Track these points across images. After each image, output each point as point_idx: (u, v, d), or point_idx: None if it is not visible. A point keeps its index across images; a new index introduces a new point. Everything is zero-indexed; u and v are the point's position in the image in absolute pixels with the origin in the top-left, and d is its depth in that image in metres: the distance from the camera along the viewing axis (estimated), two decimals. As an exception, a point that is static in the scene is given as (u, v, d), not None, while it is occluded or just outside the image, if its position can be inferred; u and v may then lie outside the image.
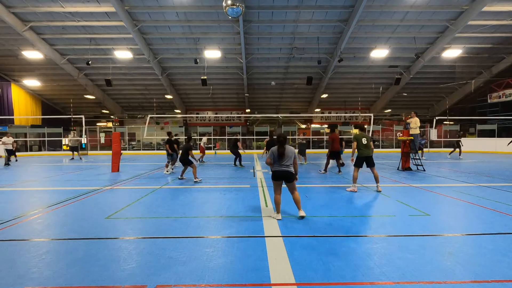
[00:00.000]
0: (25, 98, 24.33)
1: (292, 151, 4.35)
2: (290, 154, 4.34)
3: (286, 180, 4.34)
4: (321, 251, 3.16)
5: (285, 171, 4.28)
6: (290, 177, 4.31)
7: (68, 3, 14.55)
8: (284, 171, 4.29)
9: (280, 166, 4.32)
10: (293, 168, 4.37)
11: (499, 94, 21.97)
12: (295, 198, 4.42)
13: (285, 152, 4.30)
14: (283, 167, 4.29)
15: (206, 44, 18.36)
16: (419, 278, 2.54)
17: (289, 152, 4.33)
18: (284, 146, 4.33)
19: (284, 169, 4.29)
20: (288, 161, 4.29)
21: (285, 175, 4.30)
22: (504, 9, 14.96)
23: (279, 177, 4.34)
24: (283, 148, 4.31)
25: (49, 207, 5.26)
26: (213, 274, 2.67)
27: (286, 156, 4.29)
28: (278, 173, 4.32)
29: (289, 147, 4.36)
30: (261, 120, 31.57)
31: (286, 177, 4.31)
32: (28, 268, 2.84)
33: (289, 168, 4.29)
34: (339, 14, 15.84)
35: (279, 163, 4.32)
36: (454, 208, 5.05)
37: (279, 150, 4.29)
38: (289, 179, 4.33)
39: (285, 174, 4.29)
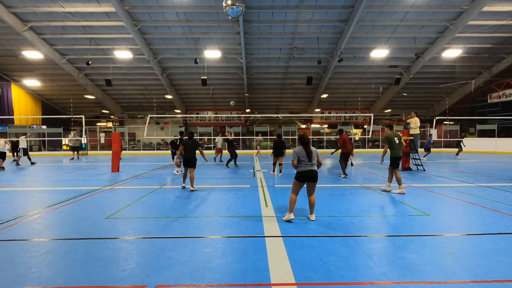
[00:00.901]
0: (25, 98, 24.33)
1: (315, 151, 4.38)
2: (315, 153, 4.36)
3: (311, 180, 4.30)
4: (321, 251, 3.16)
5: (312, 171, 4.27)
6: (315, 177, 4.31)
7: (68, 3, 14.54)
8: (311, 171, 4.27)
9: (307, 166, 4.28)
10: (316, 168, 4.40)
11: (499, 94, 21.97)
12: (312, 200, 4.41)
13: (312, 151, 4.31)
14: (309, 166, 4.27)
15: (206, 44, 18.36)
16: (419, 278, 2.55)
17: (314, 152, 4.36)
18: (310, 146, 4.35)
19: (310, 168, 4.27)
20: (314, 160, 4.30)
21: (312, 175, 4.28)
22: (504, 9, 14.96)
23: (305, 177, 4.29)
24: (309, 148, 4.31)
25: (49, 207, 5.26)
26: (213, 274, 2.68)
27: (313, 156, 4.29)
28: (305, 173, 4.26)
29: (313, 147, 4.39)
30: (261, 120, 31.56)
31: (311, 177, 4.28)
32: (28, 268, 2.84)
33: (314, 167, 4.31)
34: (339, 14, 15.84)
35: (306, 163, 4.28)
36: (454, 208, 5.05)
37: (306, 150, 4.28)
38: (315, 178, 4.32)
39: (311, 174, 4.27)
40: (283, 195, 6.19)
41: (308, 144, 4.35)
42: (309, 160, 4.28)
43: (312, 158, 4.29)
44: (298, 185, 4.34)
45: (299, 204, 5.32)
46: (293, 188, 4.36)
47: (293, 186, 4.37)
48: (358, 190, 6.65)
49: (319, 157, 4.39)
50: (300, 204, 5.26)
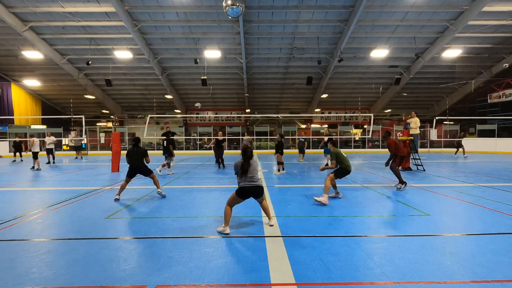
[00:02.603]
0: (25, 98, 24.33)
1: (257, 163, 4.11)
2: (257, 166, 4.07)
3: (255, 196, 3.95)
4: (321, 251, 3.16)
5: (256, 187, 3.90)
6: (261, 192, 3.97)
7: (68, 3, 14.54)
8: (255, 188, 3.89)
9: (251, 182, 3.88)
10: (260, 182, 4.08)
11: (499, 94, 21.97)
12: (264, 206, 4.10)
13: (251, 167, 3.92)
14: (252, 182, 3.88)
15: (206, 44, 18.36)
16: (419, 278, 2.54)
17: (256, 165, 4.04)
18: (250, 161, 3.94)
19: (255, 184, 3.88)
20: (255, 174, 3.94)
21: (256, 191, 3.92)
22: (504, 9, 14.96)
23: (247, 194, 3.91)
24: (248, 164, 3.90)
25: (49, 207, 5.26)
26: (213, 274, 2.67)
27: (253, 170, 3.93)
28: (248, 190, 3.88)
29: (255, 159, 4.07)
30: (261, 120, 31.56)
31: (256, 193, 3.93)
32: (28, 268, 2.84)
33: (258, 182, 3.93)
34: (339, 14, 15.84)
35: (246, 178, 3.88)
36: (454, 208, 5.05)
37: (244, 167, 3.88)
38: (260, 194, 3.97)
39: (256, 190, 3.92)
40: (283, 195, 6.19)
41: (249, 159, 3.93)
42: (248, 175, 3.88)
43: (250, 173, 3.90)
44: (236, 199, 3.95)
45: (299, 205, 5.32)
46: (230, 200, 3.95)
47: (230, 198, 3.96)
48: (358, 190, 6.65)
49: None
50: (301, 204, 5.25)
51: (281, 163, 9.58)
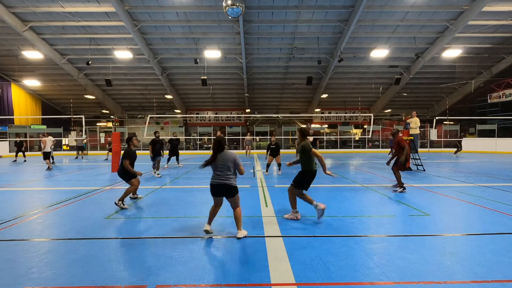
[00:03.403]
0: (25, 98, 24.33)
1: (231, 158, 3.46)
2: (229, 162, 3.46)
3: (224, 195, 3.54)
4: (321, 251, 3.16)
5: (220, 185, 3.44)
6: (229, 191, 3.49)
7: (68, 3, 14.54)
8: (218, 185, 3.45)
9: (218, 178, 3.47)
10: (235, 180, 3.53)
11: (499, 94, 21.97)
12: (235, 214, 3.62)
13: (221, 159, 3.48)
14: (217, 179, 3.46)
15: (206, 44, 18.36)
16: (419, 278, 2.54)
17: (227, 160, 3.46)
18: (218, 155, 3.50)
19: (219, 182, 3.45)
20: (226, 170, 3.46)
21: (220, 189, 3.47)
22: (504, 9, 14.96)
23: (213, 191, 3.55)
24: (213, 157, 3.49)
25: (49, 207, 5.26)
26: (213, 274, 2.68)
27: (222, 166, 3.46)
28: (212, 186, 3.52)
29: (228, 153, 3.52)
30: (261, 120, 31.57)
31: (220, 192, 3.51)
32: (28, 268, 2.84)
33: (225, 180, 3.44)
34: (339, 14, 15.84)
35: (218, 173, 3.49)
36: (454, 208, 5.05)
37: (208, 160, 3.50)
38: (229, 193, 3.50)
39: (220, 188, 3.46)
40: (283, 195, 6.18)
41: (219, 150, 3.49)
42: (217, 170, 3.46)
43: (219, 168, 3.45)
44: (214, 199, 3.64)
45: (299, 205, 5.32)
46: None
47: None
48: (358, 190, 6.65)
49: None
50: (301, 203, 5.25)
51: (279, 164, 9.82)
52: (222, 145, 3.54)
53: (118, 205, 5.00)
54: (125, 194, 5.15)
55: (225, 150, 3.57)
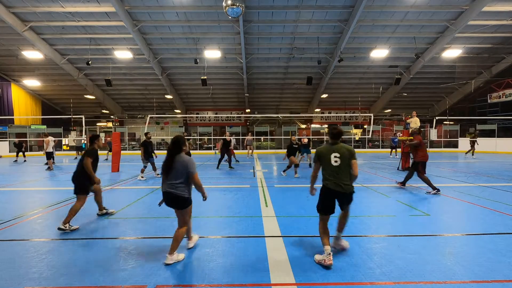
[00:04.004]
0: (25, 98, 24.33)
1: (184, 164, 2.91)
2: (181, 168, 2.92)
3: (170, 205, 3.01)
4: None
5: (169, 193, 2.94)
6: (177, 202, 2.97)
7: (68, 3, 14.54)
8: (167, 193, 2.95)
9: (166, 184, 2.98)
10: (185, 190, 2.97)
11: (499, 94, 21.97)
12: (176, 234, 3.01)
13: (176, 163, 2.93)
14: (169, 185, 2.95)
15: (206, 44, 18.35)
16: (419, 278, 2.55)
17: (180, 165, 2.92)
18: (176, 155, 2.96)
19: (166, 189, 2.96)
20: (176, 177, 2.92)
21: (170, 198, 2.97)
22: (504, 9, 14.95)
23: (166, 200, 3.02)
24: (170, 160, 2.95)
25: (49, 207, 5.26)
26: (213, 274, 2.68)
27: (176, 170, 2.92)
28: (163, 195, 3.02)
29: (183, 157, 2.97)
30: (261, 120, 31.56)
31: (171, 201, 2.98)
32: (28, 268, 2.84)
33: (176, 189, 2.91)
34: (339, 14, 15.83)
35: (166, 179, 2.98)
36: (454, 208, 5.05)
37: (166, 163, 2.97)
38: (177, 204, 2.98)
39: (169, 196, 2.96)
40: (283, 195, 6.19)
41: (176, 152, 2.96)
42: (170, 176, 2.95)
43: (173, 175, 2.93)
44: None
45: (299, 205, 5.31)
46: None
47: None
48: (358, 190, 6.64)
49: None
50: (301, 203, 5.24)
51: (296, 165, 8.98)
52: (179, 145, 3.00)
53: (64, 229, 3.87)
54: (70, 214, 3.98)
55: (182, 152, 3.00)
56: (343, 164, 3.01)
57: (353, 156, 3.03)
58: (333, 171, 3.03)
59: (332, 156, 3.03)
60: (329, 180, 3.04)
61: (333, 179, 3.02)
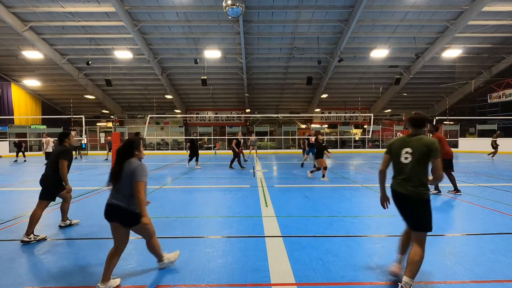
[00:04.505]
0: (25, 98, 24.33)
1: (131, 170, 2.39)
2: (129, 176, 2.39)
3: (121, 223, 2.46)
4: (321, 251, 3.16)
5: (115, 205, 2.42)
6: (125, 218, 2.44)
7: (68, 3, 14.54)
8: (112, 205, 2.43)
9: (111, 195, 2.48)
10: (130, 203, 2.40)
11: (499, 94, 21.97)
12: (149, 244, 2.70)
13: (124, 170, 2.42)
14: (113, 199, 2.45)
15: (206, 44, 18.35)
16: (419, 278, 2.54)
17: (127, 172, 2.40)
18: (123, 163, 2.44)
19: (112, 201, 2.44)
20: (123, 187, 2.41)
21: (116, 212, 2.42)
22: (504, 9, 14.95)
23: (107, 213, 2.46)
24: (119, 166, 2.43)
25: (49, 207, 5.26)
26: (213, 274, 2.68)
27: (124, 178, 2.41)
28: (106, 207, 2.47)
29: (132, 163, 2.43)
30: (261, 120, 31.56)
31: (117, 216, 2.43)
32: (28, 268, 2.84)
33: (122, 201, 2.40)
34: (339, 14, 15.83)
35: (113, 191, 2.50)
36: (454, 208, 5.05)
37: (113, 170, 2.47)
38: (125, 221, 2.45)
39: (114, 209, 2.42)
40: (283, 195, 6.19)
41: (125, 156, 2.46)
42: (116, 185, 2.45)
43: (119, 184, 2.42)
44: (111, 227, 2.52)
45: (299, 205, 5.31)
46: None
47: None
48: (358, 190, 6.65)
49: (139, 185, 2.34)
50: (301, 203, 5.24)
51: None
52: (131, 149, 2.49)
53: (28, 241, 3.48)
54: (31, 223, 3.57)
55: (134, 158, 2.48)
56: (415, 162, 2.39)
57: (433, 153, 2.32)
58: (400, 168, 2.53)
59: (403, 152, 2.48)
60: (394, 179, 2.62)
61: (398, 179, 2.54)
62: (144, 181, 2.40)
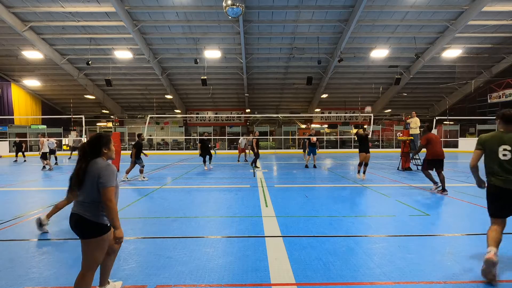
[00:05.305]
0: (25, 98, 24.33)
1: (95, 171, 2.00)
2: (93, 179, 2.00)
3: (76, 233, 2.05)
4: (321, 251, 3.16)
5: (74, 214, 2.03)
6: (80, 228, 2.02)
7: (68, 3, 14.54)
8: (72, 214, 2.04)
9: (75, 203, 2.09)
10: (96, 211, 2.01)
11: (499, 94, 21.96)
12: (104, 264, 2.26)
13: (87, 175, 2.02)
14: (77, 205, 2.05)
15: (206, 44, 18.36)
16: (419, 278, 2.54)
17: (92, 175, 2.00)
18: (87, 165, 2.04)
19: (74, 210, 2.04)
20: (85, 192, 2.02)
21: (73, 221, 2.03)
22: (504, 9, 14.95)
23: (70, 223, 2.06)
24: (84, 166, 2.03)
25: (49, 207, 5.25)
26: (213, 274, 2.67)
27: (86, 181, 2.01)
28: (70, 217, 2.07)
29: (97, 163, 2.05)
30: (261, 120, 31.56)
31: (74, 225, 2.04)
32: (28, 268, 2.84)
33: (80, 208, 2.02)
34: (339, 14, 15.83)
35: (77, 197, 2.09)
36: (454, 208, 5.05)
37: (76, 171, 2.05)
38: (79, 231, 2.02)
39: (72, 219, 2.04)
40: (283, 195, 6.19)
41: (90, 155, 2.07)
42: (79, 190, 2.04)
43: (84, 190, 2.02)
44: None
45: (299, 205, 5.32)
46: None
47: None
48: (358, 190, 6.65)
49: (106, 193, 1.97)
50: (301, 203, 5.24)
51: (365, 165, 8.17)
52: (98, 147, 2.11)
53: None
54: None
55: (101, 158, 2.11)
56: None
57: None
58: (499, 164, 2.57)
59: (500, 149, 2.55)
60: (495, 176, 2.60)
61: (501, 175, 2.56)
62: (113, 185, 2.02)
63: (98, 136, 2.16)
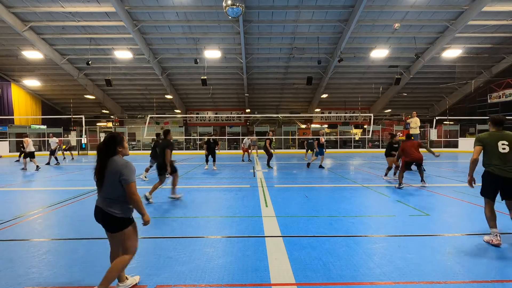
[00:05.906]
0: (25, 98, 24.33)
1: (117, 169, 2.17)
2: (112, 176, 2.18)
3: (104, 227, 2.29)
4: (321, 251, 3.16)
5: (99, 208, 2.24)
6: (108, 223, 2.24)
7: (68, 3, 14.54)
8: (97, 208, 2.26)
9: (98, 197, 2.29)
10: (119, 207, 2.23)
11: (499, 94, 21.96)
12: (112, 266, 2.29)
13: (108, 169, 2.20)
14: (100, 199, 2.27)
15: (206, 44, 18.36)
16: (419, 278, 2.54)
17: (111, 171, 2.19)
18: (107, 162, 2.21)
19: (98, 204, 2.26)
20: (108, 188, 2.21)
21: (100, 216, 2.25)
22: (504, 9, 14.96)
23: (96, 216, 2.29)
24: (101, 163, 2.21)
25: (49, 207, 5.26)
26: (213, 274, 2.67)
27: (107, 178, 2.20)
28: (95, 209, 2.29)
29: (116, 161, 2.22)
30: (261, 120, 31.56)
31: (101, 220, 2.25)
32: (28, 268, 2.84)
33: (105, 204, 2.21)
34: (339, 14, 15.84)
35: (99, 193, 2.28)
36: (454, 208, 5.05)
37: (96, 169, 2.24)
38: (108, 225, 2.25)
39: (99, 214, 2.25)
40: (283, 195, 6.19)
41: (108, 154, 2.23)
42: (101, 186, 2.23)
43: (104, 185, 2.22)
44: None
45: (299, 205, 5.32)
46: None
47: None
48: (358, 190, 6.65)
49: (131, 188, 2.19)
50: (301, 203, 5.24)
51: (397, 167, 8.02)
52: (113, 145, 2.25)
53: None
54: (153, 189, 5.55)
55: (117, 155, 2.27)
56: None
57: None
58: (500, 157, 3.21)
59: (499, 144, 3.21)
60: (494, 166, 3.24)
61: (499, 165, 3.21)
62: (134, 180, 2.26)
63: (112, 136, 2.31)
